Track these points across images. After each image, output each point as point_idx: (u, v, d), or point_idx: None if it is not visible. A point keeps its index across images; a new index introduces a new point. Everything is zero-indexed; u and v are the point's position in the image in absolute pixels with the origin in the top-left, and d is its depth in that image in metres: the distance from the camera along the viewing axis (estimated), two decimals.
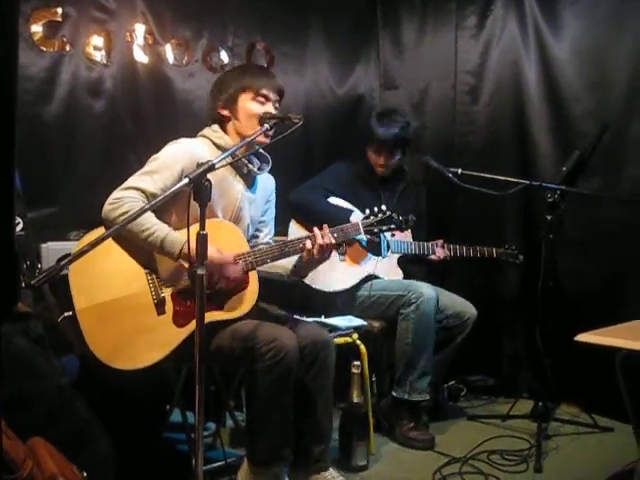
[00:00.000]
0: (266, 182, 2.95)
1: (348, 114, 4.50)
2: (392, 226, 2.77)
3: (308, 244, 2.62)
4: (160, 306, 2.48)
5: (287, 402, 2.51)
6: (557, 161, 3.73)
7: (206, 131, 2.78)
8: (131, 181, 2.50)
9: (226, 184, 2.70)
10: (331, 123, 4.40)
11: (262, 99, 2.71)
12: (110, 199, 2.44)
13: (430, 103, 4.37)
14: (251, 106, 2.70)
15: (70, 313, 2.44)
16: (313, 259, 2.66)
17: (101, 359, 2.38)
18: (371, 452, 3.13)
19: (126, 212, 2.38)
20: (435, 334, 3.34)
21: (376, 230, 2.76)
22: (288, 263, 2.79)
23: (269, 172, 2.92)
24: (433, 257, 3.64)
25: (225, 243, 2.56)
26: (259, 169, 2.83)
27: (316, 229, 2.66)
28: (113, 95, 3.49)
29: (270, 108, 2.71)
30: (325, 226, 2.68)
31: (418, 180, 3.96)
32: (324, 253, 2.66)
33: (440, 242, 3.67)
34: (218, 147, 2.70)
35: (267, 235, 2.99)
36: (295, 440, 2.62)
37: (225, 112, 2.74)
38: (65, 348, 2.68)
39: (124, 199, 2.42)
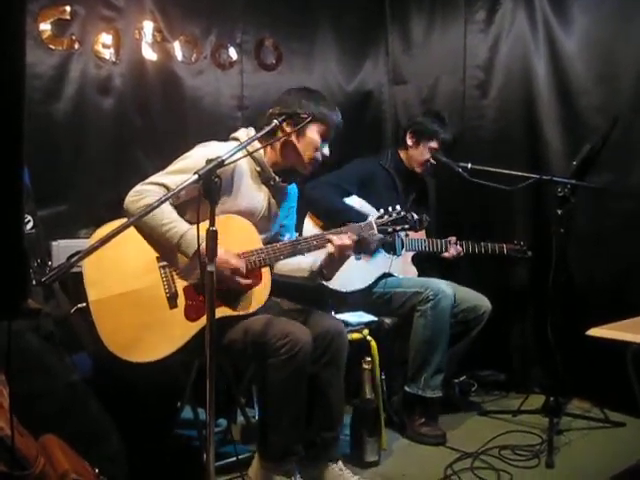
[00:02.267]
0: (290, 191, 2.96)
1: (357, 110, 4.48)
2: (406, 226, 2.73)
3: (329, 247, 2.65)
4: (172, 300, 2.49)
5: (300, 397, 2.52)
6: (567, 155, 3.71)
7: (239, 133, 2.77)
8: (155, 177, 2.52)
9: (251, 191, 2.70)
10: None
11: (326, 137, 2.74)
12: (132, 192, 2.46)
13: (439, 98, 4.36)
14: (317, 138, 2.71)
15: (83, 305, 2.46)
16: (334, 259, 2.68)
17: (113, 351, 2.39)
18: (382, 448, 3.13)
19: (147, 205, 2.37)
20: (451, 328, 3.35)
21: (390, 230, 2.73)
22: (311, 266, 2.81)
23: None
24: (446, 254, 3.65)
25: (237, 239, 2.57)
26: (284, 181, 2.82)
27: (332, 234, 2.67)
28: (122, 93, 3.50)
29: (327, 148, 2.76)
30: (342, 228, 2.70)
31: (429, 183, 3.96)
32: (344, 253, 2.67)
33: (453, 239, 3.67)
34: (248, 152, 2.63)
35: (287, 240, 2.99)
36: (306, 427, 2.62)
37: (287, 128, 2.66)
38: (76, 345, 2.69)
39: (145, 192, 2.44)
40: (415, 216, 2.77)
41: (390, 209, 2.75)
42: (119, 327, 2.42)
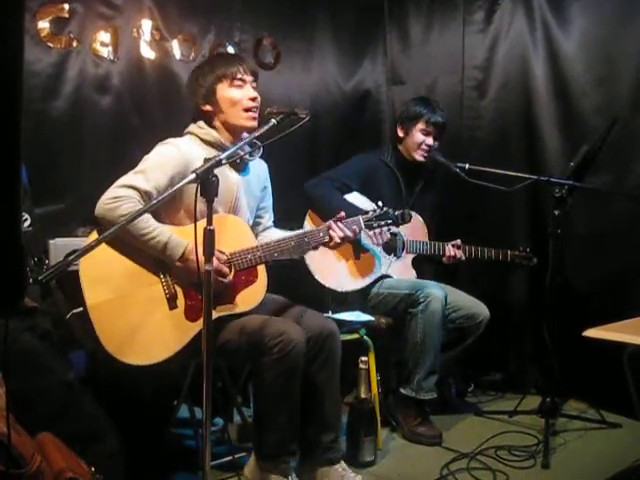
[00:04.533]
0: (259, 167, 2.95)
1: (355, 109, 4.49)
2: (389, 221, 2.80)
3: (327, 240, 2.70)
4: (172, 300, 2.48)
5: (294, 396, 2.52)
6: (565, 156, 3.71)
7: (192, 128, 2.77)
8: (124, 179, 2.49)
9: (221, 176, 2.70)
10: (338, 118, 4.40)
11: (239, 83, 2.72)
12: (106, 198, 2.43)
13: (437, 98, 4.29)
14: (231, 93, 2.71)
15: (79, 309, 2.45)
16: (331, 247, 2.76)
17: (112, 354, 2.37)
18: (379, 447, 3.13)
19: (126, 214, 2.36)
20: (448, 334, 3.36)
21: (375, 225, 2.79)
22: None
23: (263, 158, 2.94)
24: (444, 258, 3.62)
25: (233, 238, 2.58)
26: (250, 155, 2.80)
27: (331, 225, 2.70)
28: (120, 91, 3.50)
29: (249, 90, 2.73)
30: (337, 222, 2.72)
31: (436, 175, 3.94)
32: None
33: (458, 242, 3.63)
34: (206, 142, 2.70)
35: (269, 220, 3.01)
36: (303, 431, 2.62)
37: (207, 107, 2.74)
38: (73, 344, 2.69)
39: (122, 199, 2.41)
40: (397, 211, 2.83)
41: (374, 206, 2.82)
42: (118, 329, 2.40)
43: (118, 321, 2.41)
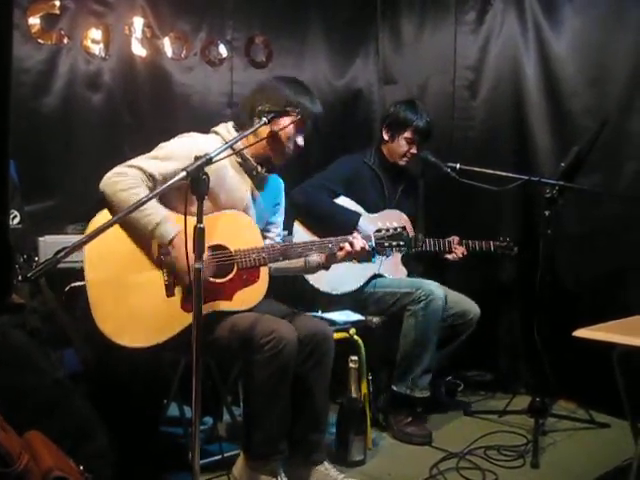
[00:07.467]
0: (274, 184, 2.97)
1: (346, 108, 4.49)
2: (401, 243, 2.75)
3: (341, 251, 2.69)
4: (170, 288, 2.47)
5: (285, 395, 2.51)
6: (556, 156, 3.72)
7: (219, 128, 2.78)
8: (135, 160, 2.51)
9: (235, 182, 2.70)
10: (329, 117, 4.38)
11: (302, 127, 2.72)
12: (110, 173, 2.44)
13: (429, 98, 4.35)
14: (288, 133, 2.70)
15: (79, 284, 2.46)
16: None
17: (105, 334, 2.38)
18: (368, 447, 3.12)
19: (126, 188, 2.38)
20: (440, 332, 3.35)
21: (386, 244, 2.75)
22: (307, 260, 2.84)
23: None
24: (448, 255, 3.64)
25: (240, 236, 2.59)
26: (267, 171, 2.82)
27: (347, 244, 2.68)
28: (111, 88, 3.49)
29: (300, 138, 2.76)
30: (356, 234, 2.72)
31: (417, 176, 3.95)
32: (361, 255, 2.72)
33: (456, 239, 3.64)
34: (234, 150, 2.65)
35: (277, 236, 3.01)
36: (290, 429, 2.62)
37: (255, 121, 2.64)
38: (63, 341, 2.68)
39: (127, 174, 2.43)
40: (411, 234, 2.82)
41: (387, 224, 2.77)
42: (113, 309, 2.41)
43: (114, 300, 2.41)
